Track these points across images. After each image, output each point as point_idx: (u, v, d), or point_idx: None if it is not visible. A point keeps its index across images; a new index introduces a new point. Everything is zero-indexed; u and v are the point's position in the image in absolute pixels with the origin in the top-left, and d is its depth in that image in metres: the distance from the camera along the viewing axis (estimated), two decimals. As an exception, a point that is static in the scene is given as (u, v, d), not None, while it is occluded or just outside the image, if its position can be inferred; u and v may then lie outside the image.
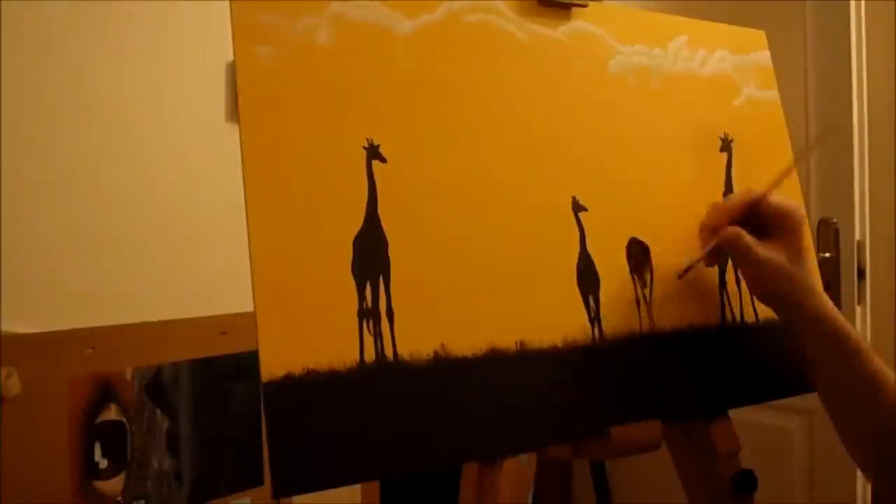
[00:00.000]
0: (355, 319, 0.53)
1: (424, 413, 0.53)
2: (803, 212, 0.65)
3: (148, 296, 1.36)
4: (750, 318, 0.69)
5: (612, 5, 0.73)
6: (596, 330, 0.62)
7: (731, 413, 0.66)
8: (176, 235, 1.43)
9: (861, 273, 1.33)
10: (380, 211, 0.55)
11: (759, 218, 0.64)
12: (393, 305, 0.54)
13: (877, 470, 0.64)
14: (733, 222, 0.64)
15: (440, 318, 0.56)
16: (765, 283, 0.64)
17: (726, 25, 0.77)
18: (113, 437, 1.01)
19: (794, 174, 0.77)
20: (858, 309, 1.32)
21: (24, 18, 1.25)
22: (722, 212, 0.65)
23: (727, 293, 0.69)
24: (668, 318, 0.65)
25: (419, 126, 0.59)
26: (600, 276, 0.63)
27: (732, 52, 0.76)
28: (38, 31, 1.27)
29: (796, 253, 0.64)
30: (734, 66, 0.76)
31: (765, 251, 0.63)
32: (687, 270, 0.66)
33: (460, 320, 0.56)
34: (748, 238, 0.63)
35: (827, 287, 0.74)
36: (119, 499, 1.01)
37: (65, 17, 1.30)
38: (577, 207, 0.64)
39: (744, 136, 0.74)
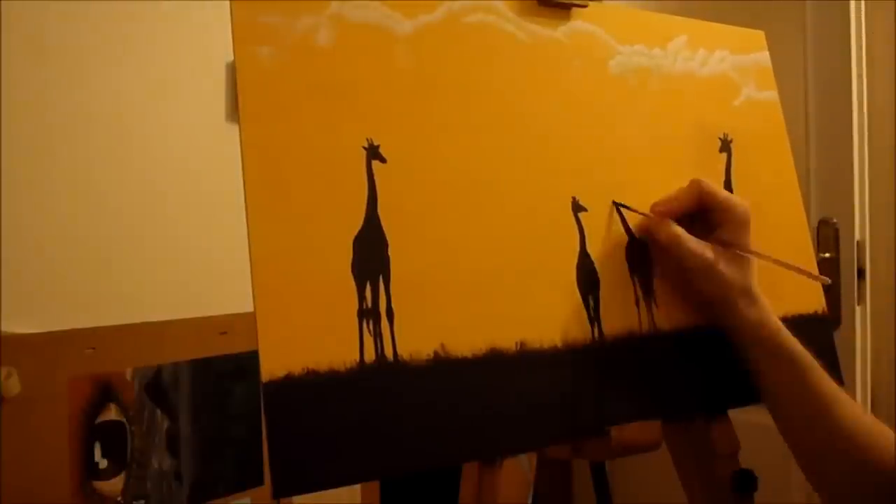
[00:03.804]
0: (355, 319, 0.53)
1: (424, 413, 0.53)
2: (747, 210, 0.64)
3: (148, 296, 1.36)
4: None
5: (612, 5, 0.73)
6: (596, 330, 0.62)
7: (731, 413, 0.66)
8: (176, 235, 1.43)
9: (861, 273, 1.33)
10: (380, 211, 0.55)
11: (705, 213, 0.64)
12: (393, 305, 0.54)
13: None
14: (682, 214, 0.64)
15: (440, 318, 0.56)
16: (694, 280, 0.63)
17: (726, 26, 0.77)
18: (113, 437, 1.01)
19: (794, 174, 0.77)
20: (858, 309, 1.32)
21: (24, 18, 1.25)
22: (670, 201, 0.65)
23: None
24: (668, 318, 0.65)
25: (419, 126, 0.59)
26: (600, 277, 0.63)
27: (732, 53, 0.76)
28: (37, 31, 1.27)
29: (734, 253, 0.62)
30: (734, 67, 0.76)
31: (696, 244, 0.62)
32: (629, 208, 0.65)
33: (460, 320, 0.56)
34: (678, 228, 0.62)
35: (827, 288, 0.74)
36: (119, 499, 1.01)
37: (64, 16, 1.30)
38: (577, 208, 0.64)
39: (743, 136, 0.74)
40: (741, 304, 0.62)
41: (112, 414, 1.01)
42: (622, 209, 0.65)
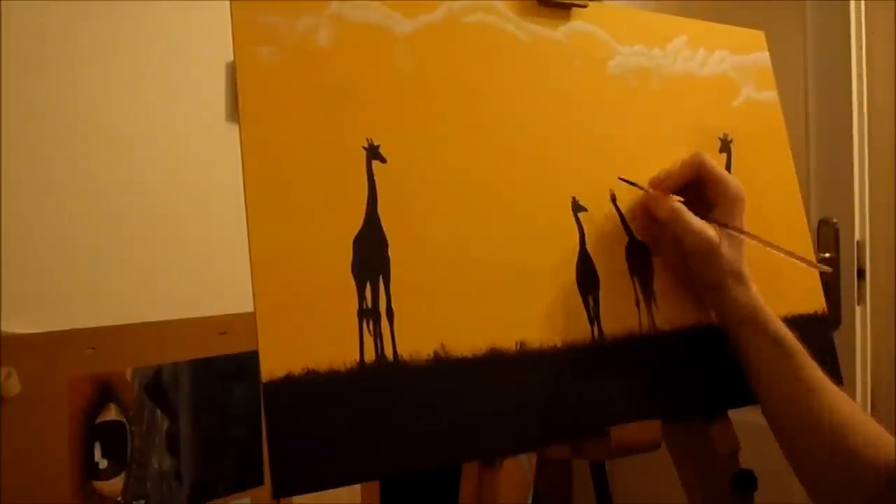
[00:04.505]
0: (355, 319, 0.53)
1: (424, 413, 0.53)
2: (741, 190, 0.64)
3: (148, 296, 1.36)
4: (750, 318, 0.69)
5: (612, 5, 0.73)
6: (596, 330, 0.62)
7: (731, 413, 0.66)
8: (176, 235, 1.43)
9: (861, 273, 1.33)
10: (380, 211, 0.55)
11: (700, 194, 0.64)
12: (393, 305, 0.54)
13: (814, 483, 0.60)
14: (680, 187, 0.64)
15: (440, 318, 0.56)
16: (693, 262, 0.63)
17: (726, 26, 0.77)
18: (113, 437, 1.01)
19: (794, 174, 0.77)
20: (858, 309, 1.32)
21: (23, 19, 1.25)
22: (669, 174, 0.65)
23: (727, 293, 0.69)
24: (668, 318, 0.65)
25: (419, 126, 0.59)
26: (600, 276, 0.63)
27: (732, 53, 0.76)
28: (37, 31, 1.27)
29: (729, 235, 0.63)
30: (733, 67, 0.76)
31: (698, 221, 0.62)
32: (631, 182, 0.66)
33: (460, 320, 0.56)
34: (678, 203, 0.63)
35: (826, 288, 0.74)
36: (119, 499, 1.01)
37: (64, 16, 1.30)
38: (577, 208, 0.64)
39: (743, 136, 0.74)
40: (731, 286, 0.63)
41: (112, 414, 1.01)
42: (625, 182, 0.65)
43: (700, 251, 0.63)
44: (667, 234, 0.65)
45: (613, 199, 0.66)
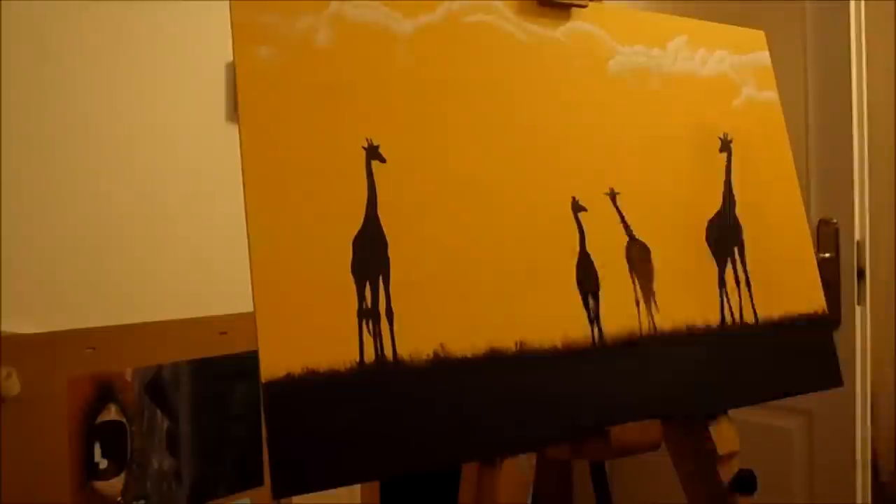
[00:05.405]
0: (355, 319, 0.53)
1: (424, 413, 0.53)
2: None
3: (148, 296, 1.36)
4: (749, 318, 0.69)
5: (612, 5, 0.73)
6: (596, 330, 0.62)
7: (732, 413, 0.66)
8: (176, 235, 1.43)
9: (861, 273, 1.33)
10: (379, 211, 0.55)
11: None
12: (393, 305, 0.54)
13: None
14: None
15: (440, 318, 0.56)
16: None
17: (726, 26, 0.77)
18: (113, 437, 1.01)
19: (794, 174, 0.77)
20: (858, 309, 1.32)
21: (24, 18, 1.25)
22: None
23: (727, 293, 0.69)
24: (668, 318, 0.65)
25: (419, 126, 0.59)
26: (600, 277, 0.63)
27: (732, 53, 0.76)
28: (37, 32, 1.27)
29: None
30: (734, 67, 0.76)
31: None
32: None
33: (460, 320, 0.56)
34: None
35: (826, 287, 0.74)
36: (119, 499, 1.01)
37: (64, 16, 1.30)
38: (577, 208, 0.64)
39: (743, 136, 0.74)
40: None
41: (112, 414, 1.01)
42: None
43: None
44: None
45: (613, 199, 0.66)
